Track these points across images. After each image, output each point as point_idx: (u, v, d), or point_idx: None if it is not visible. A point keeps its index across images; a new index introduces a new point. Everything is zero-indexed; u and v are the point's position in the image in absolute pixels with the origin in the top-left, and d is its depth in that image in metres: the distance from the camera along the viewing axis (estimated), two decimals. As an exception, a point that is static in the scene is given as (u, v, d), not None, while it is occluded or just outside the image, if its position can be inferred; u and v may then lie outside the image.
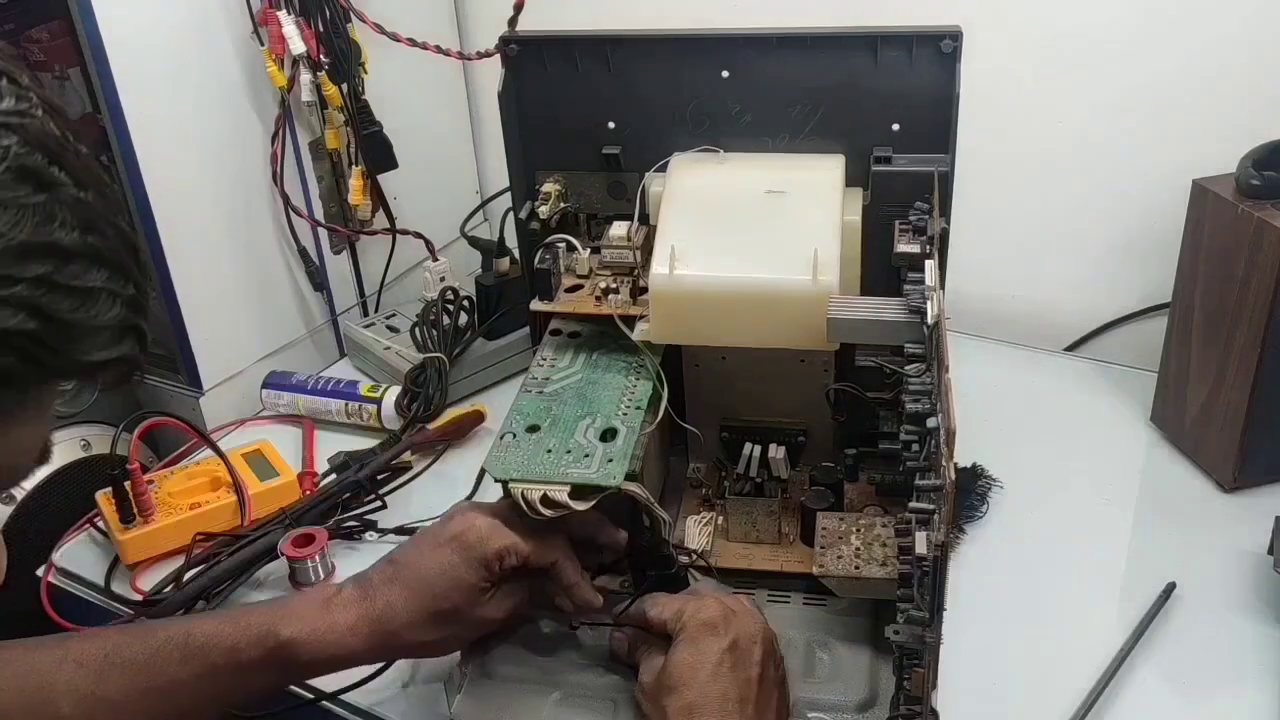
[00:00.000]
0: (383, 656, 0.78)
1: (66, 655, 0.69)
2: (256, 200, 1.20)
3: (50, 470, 1.10)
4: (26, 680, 0.68)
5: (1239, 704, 0.80)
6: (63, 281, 0.43)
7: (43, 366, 0.44)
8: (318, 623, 0.72)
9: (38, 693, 0.67)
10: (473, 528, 0.74)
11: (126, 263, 0.47)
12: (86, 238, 0.44)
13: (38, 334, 0.42)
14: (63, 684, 0.68)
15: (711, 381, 0.94)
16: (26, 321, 0.42)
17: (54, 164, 0.44)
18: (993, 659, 0.83)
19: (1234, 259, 0.92)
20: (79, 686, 0.68)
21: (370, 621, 0.73)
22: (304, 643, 0.71)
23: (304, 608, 0.73)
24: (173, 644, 0.70)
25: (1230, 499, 0.98)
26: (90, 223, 0.44)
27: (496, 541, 0.74)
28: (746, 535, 0.91)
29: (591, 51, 0.89)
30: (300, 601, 0.75)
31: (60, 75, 1.15)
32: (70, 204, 0.44)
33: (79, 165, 0.45)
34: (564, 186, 0.94)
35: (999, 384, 1.14)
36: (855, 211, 0.85)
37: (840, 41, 0.86)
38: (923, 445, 0.69)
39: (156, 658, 0.69)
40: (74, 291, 0.44)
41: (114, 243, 0.46)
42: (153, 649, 0.70)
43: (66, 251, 0.43)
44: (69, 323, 0.43)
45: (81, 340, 0.44)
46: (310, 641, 0.72)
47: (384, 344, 1.23)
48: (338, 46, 1.16)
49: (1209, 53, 1.07)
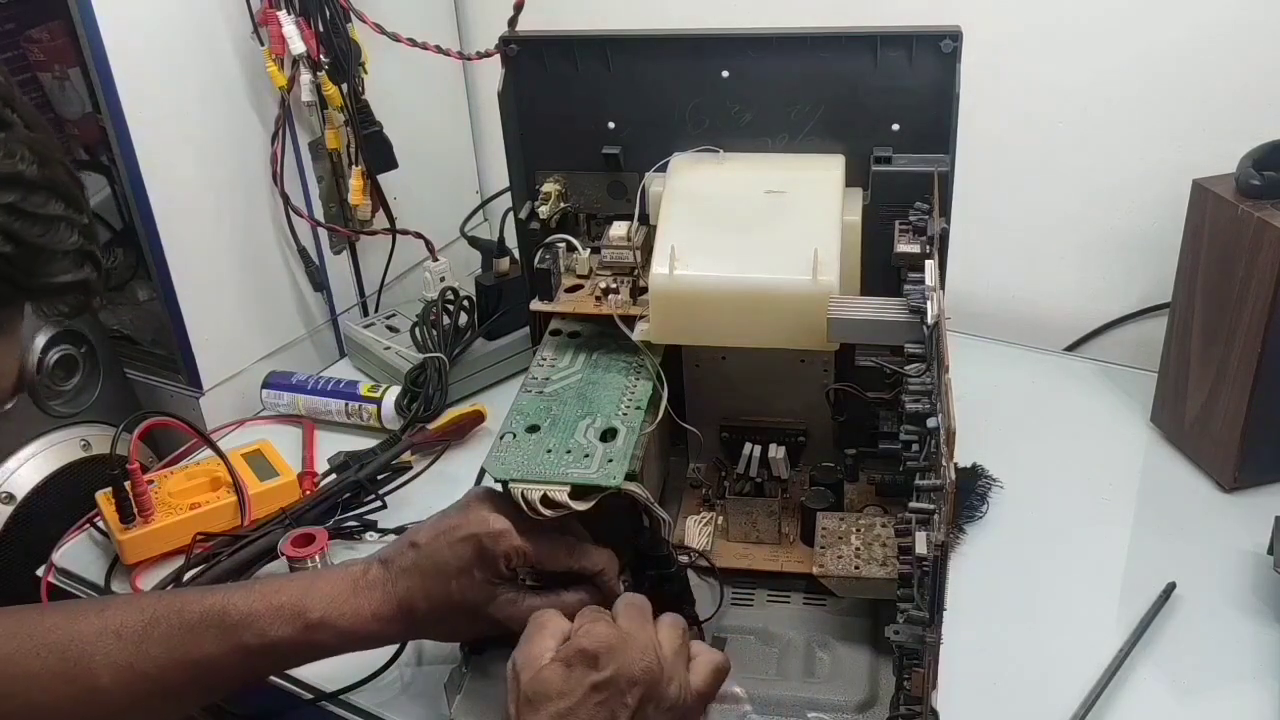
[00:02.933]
0: (403, 639, 0.81)
1: (106, 627, 0.70)
2: (256, 200, 1.20)
3: (50, 470, 1.10)
4: (67, 650, 0.70)
5: (1239, 704, 0.80)
6: (29, 210, 0.49)
7: (16, 288, 0.50)
8: (345, 605, 0.74)
9: (78, 663, 0.69)
10: (487, 528, 0.74)
11: (78, 195, 0.53)
12: (44, 171, 0.50)
13: (11, 257, 0.49)
14: (101, 655, 0.70)
15: (711, 381, 0.94)
16: (4, 245, 0.48)
17: (7, 106, 0.50)
18: (993, 659, 0.83)
19: (1234, 259, 0.92)
20: (118, 659, 0.70)
21: (394, 607, 0.74)
22: (332, 624, 0.73)
23: (333, 588, 0.74)
24: (208, 620, 0.72)
25: (1230, 499, 0.98)
26: (45, 158, 0.50)
27: (504, 543, 0.74)
28: (746, 535, 0.91)
29: (591, 51, 0.89)
30: (329, 581, 0.75)
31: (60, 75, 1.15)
32: (26, 141, 0.50)
33: (26, 108, 0.51)
34: (564, 186, 0.94)
35: (999, 384, 1.14)
36: (855, 211, 0.85)
37: (840, 41, 0.85)
38: (923, 445, 0.69)
39: (193, 633, 0.71)
40: (39, 219, 0.50)
41: (65, 177, 0.52)
42: (189, 624, 0.71)
43: (30, 183, 0.49)
44: (37, 247, 0.50)
45: (49, 264, 0.51)
46: (338, 623, 0.73)
47: (384, 344, 1.23)
48: (338, 46, 1.16)
49: (1209, 53, 1.07)
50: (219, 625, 0.72)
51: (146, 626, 0.71)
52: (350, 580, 0.75)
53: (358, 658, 0.83)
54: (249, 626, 0.72)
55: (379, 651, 0.83)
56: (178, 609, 0.72)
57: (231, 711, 0.87)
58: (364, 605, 0.74)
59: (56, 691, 0.69)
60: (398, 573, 0.75)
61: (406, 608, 0.74)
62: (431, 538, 0.75)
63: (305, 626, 0.72)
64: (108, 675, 0.69)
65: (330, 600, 0.73)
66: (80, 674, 0.69)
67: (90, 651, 0.69)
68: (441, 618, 0.76)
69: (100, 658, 0.69)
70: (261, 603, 0.73)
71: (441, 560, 0.74)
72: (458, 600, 0.75)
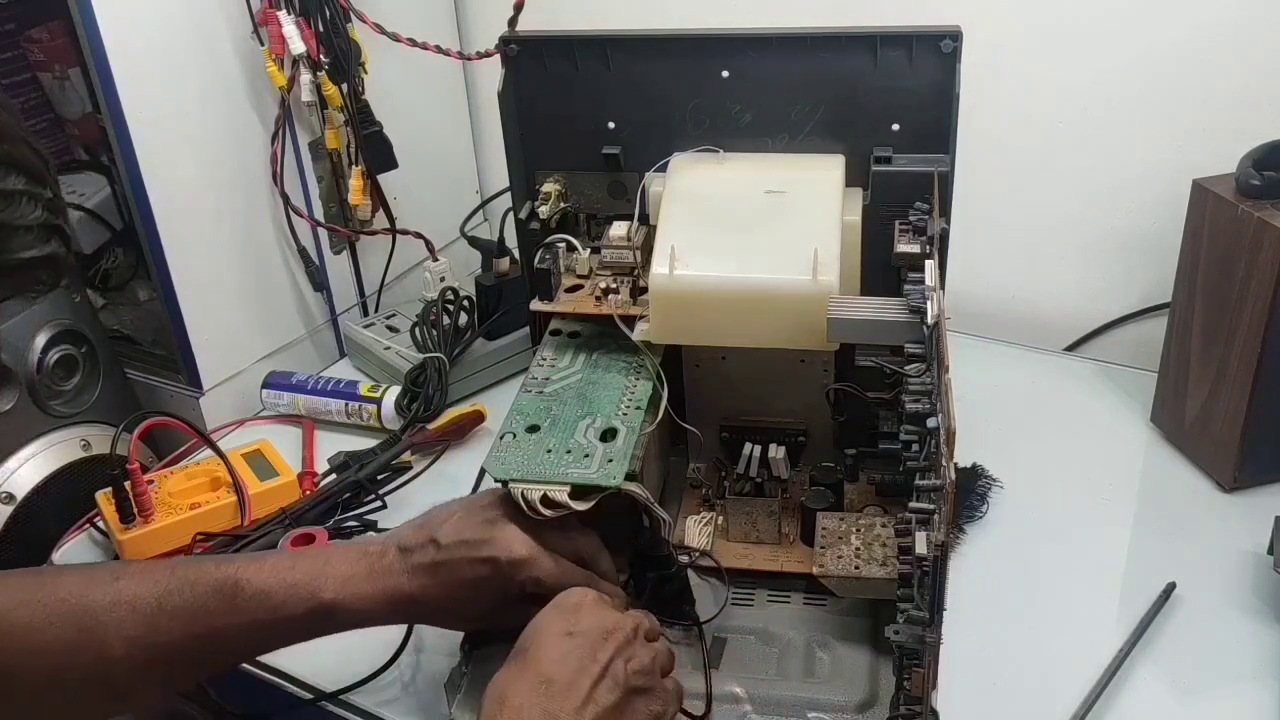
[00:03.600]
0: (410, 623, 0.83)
1: (120, 597, 0.71)
2: (256, 200, 1.20)
3: (50, 470, 1.10)
4: (81, 620, 0.70)
5: (1239, 704, 0.80)
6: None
7: None
8: (359, 588, 0.74)
9: (91, 633, 0.70)
10: (510, 554, 0.75)
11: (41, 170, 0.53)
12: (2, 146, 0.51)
13: None
14: (114, 626, 0.70)
15: (711, 381, 0.94)
16: None
17: None
18: (993, 659, 0.83)
19: (1234, 259, 0.92)
20: (130, 631, 0.70)
21: (405, 600, 0.75)
22: (344, 605, 0.74)
23: (348, 569, 0.75)
24: (222, 594, 0.72)
25: (1230, 499, 0.98)
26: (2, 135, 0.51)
27: (524, 572, 0.75)
28: (746, 535, 0.91)
29: (591, 51, 0.89)
30: (344, 562, 0.76)
31: (60, 75, 1.15)
32: None
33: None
34: (564, 186, 0.94)
35: (999, 384, 1.14)
36: (855, 211, 0.85)
37: (840, 41, 0.85)
38: (923, 445, 0.69)
39: (206, 606, 0.72)
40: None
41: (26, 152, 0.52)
42: (202, 597, 0.72)
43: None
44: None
45: (11, 239, 0.51)
46: (350, 604, 0.74)
47: (384, 344, 1.23)
48: (338, 46, 1.16)
49: (1209, 53, 1.07)
50: (231, 599, 0.72)
51: (160, 599, 0.71)
52: (366, 563, 0.75)
53: (358, 658, 0.83)
54: (262, 602, 0.72)
55: (379, 651, 0.84)
56: (191, 581, 0.72)
57: (231, 711, 0.87)
58: (377, 590, 0.75)
59: (69, 661, 0.70)
60: (414, 567, 0.75)
61: (418, 600, 0.75)
62: (453, 543, 0.75)
63: (318, 605, 0.73)
64: (120, 646, 0.70)
65: (344, 582, 0.74)
66: (93, 644, 0.70)
67: (104, 622, 0.70)
68: (450, 615, 0.79)
69: (113, 629, 0.70)
70: (275, 579, 0.73)
71: (458, 571, 0.75)
72: (468, 607, 0.76)
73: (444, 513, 0.78)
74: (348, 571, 0.75)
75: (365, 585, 0.74)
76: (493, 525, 0.76)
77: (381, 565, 0.75)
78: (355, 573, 0.75)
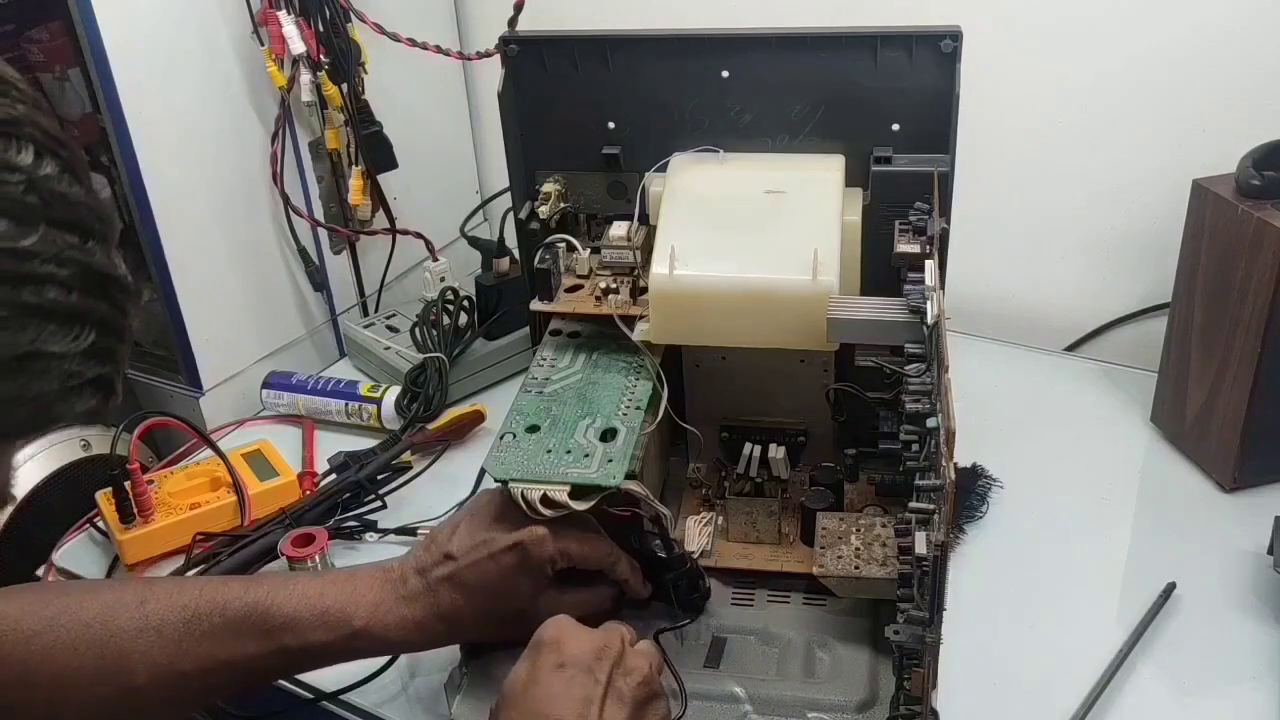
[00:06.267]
0: (446, 644, 0.80)
1: (147, 623, 0.70)
2: (256, 200, 1.20)
3: (50, 470, 1.10)
4: (106, 647, 0.69)
5: (1239, 704, 0.80)
6: None
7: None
8: (389, 615, 0.74)
9: (116, 661, 0.69)
10: (530, 535, 0.74)
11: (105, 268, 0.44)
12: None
13: None
14: (140, 654, 0.69)
15: (711, 381, 0.94)
16: None
17: None
18: (993, 659, 0.83)
19: (1234, 259, 0.92)
20: (157, 658, 0.69)
21: (437, 619, 0.75)
22: (374, 632, 0.73)
23: (376, 595, 0.74)
24: (251, 621, 0.71)
25: (1230, 499, 0.98)
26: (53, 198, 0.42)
27: (551, 546, 0.74)
28: (746, 535, 0.90)
29: (591, 51, 0.89)
30: (371, 588, 0.75)
31: (60, 75, 1.15)
32: None
33: None
34: (564, 186, 0.93)
35: (999, 384, 1.14)
36: (855, 211, 0.85)
37: (840, 41, 0.85)
38: (923, 445, 0.69)
39: (234, 634, 0.71)
40: None
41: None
42: (231, 624, 0.71)
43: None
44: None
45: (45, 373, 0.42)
46: (380, 632, 0.74)
47: (384, 344, 1.23)
48: (338, 46, 1.16)
49: (1209, 53, 1.07)
50: (260, 627, 0.71)
51: (187, 624, 0.70)
52: (392, 588, 0.75)
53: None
54: (291, 630, 0.72)
55: (379, 651, 0.84)
56: (220, 606, 0.71)
57: (231, 712, 0.87)
58: (407, 615, 0.74)
59: (93, 690, 0.69)
60: (436, 583, 0.75)
61: (449, 618, 0.74)
62: (469, 549, 0.75)
63: (349, 634, 0.73)
64: (145, 674, 0.69)
65: (374, 608, 0.74)
66: (118, 672, 0.69)
67: (129, 650, 0.69)
68: (486, 624, 0.77)
69: (139, 656, 0.69)
70: (305, 607, 0.72)
71: (485, 573, 0.74)
72: (504, 608, 0.75)
73: (447, 528, 0.78)
74: (375, 598, 0.74)
75: (395, 611, 0.74)
76: (502, 520, 0.76)
77: (406, 590, 0.75)
78: (384, 599, 0.74)
